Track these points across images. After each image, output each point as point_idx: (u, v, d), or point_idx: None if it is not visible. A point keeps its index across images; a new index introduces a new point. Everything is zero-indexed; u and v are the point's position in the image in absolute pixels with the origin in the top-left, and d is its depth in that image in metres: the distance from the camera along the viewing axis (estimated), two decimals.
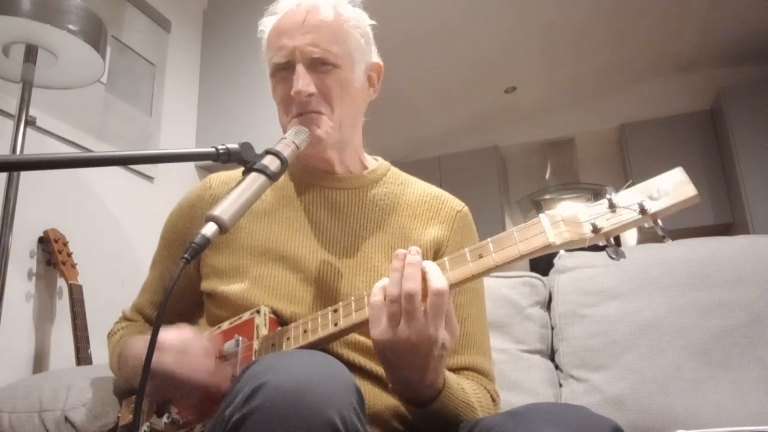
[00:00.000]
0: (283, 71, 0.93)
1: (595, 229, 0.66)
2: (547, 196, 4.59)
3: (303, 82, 0.89)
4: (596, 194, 4.51)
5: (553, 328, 1.46)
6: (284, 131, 0.95)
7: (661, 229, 0.65)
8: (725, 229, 3.94)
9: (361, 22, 0.98)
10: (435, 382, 0.75)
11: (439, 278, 0.70)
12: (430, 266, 0.71)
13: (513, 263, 0.70)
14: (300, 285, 0.90)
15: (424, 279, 0.70)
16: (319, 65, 0.91)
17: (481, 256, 0.71)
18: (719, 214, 3.87)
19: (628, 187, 0.67)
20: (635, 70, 4.19)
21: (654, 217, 0.64)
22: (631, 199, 0.65)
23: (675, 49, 3.94)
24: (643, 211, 0.64)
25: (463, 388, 0.82)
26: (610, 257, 0.67)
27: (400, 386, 0.76)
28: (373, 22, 1.00)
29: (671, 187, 0.64)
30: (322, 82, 0.91)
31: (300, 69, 0.90)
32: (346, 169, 1.00)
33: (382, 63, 1.02)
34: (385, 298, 0.71)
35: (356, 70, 0.96)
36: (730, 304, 1.29)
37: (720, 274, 1.33)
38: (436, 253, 0.97)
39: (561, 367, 1.41)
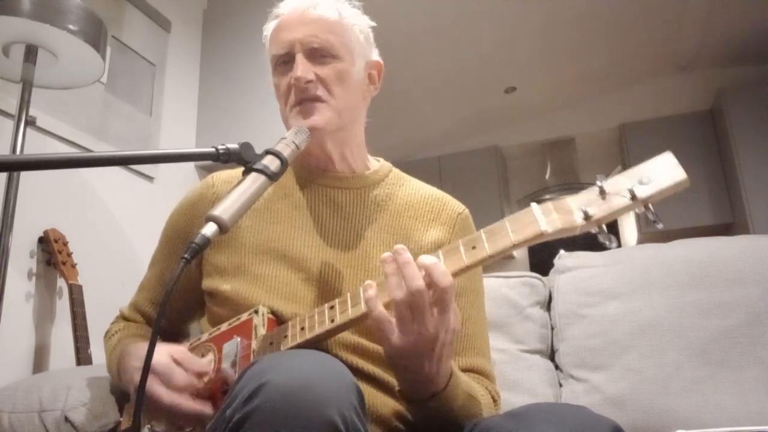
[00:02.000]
0: (284, 65, 0.94)
1: (587, 216, 0.65)
2: (547, 196, 4.58)
3: (302, 68, 0.91)
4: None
5: (553, 328, 1.46)
6: (285, 124, 0.95)
7: (652, 213, 0.64)
8: (725, 229, 3.93)
9: (361, 21, 0.99)
10: (447, 369, 0.75)
11: (445, 272, 0.69)
12: (429, 260, 0.70)
13: (506, 252, 0.69)
14: (301, 284, 0.90)
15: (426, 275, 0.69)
16: (318, 56, 0.92)
17: (474, 248, 0.71)
18: (719, 214, 3.86)
19: (617, 173, 0.66)
20: (635, 70, 4.19)
21: (645, 202, 0.64)
22: (621, 185, 0.65)
23: (675, 49, 3.94)
24: (633, 196, 0.64)
25: (465, 379, 0.83)
26: (602, 243, 0.66)
27: (416, 385, 0.75)
28: (374, 24, 1.01)
29: (661, 172, 0.64)
30: (322, 70, 0.92)
31: (299, 58, 0.91)
32: (348, 168, 1.00)
33: (382, 62, 1.03)
34: (388, 306, 0.70)
35: (356, 64, 0.96)
36: (730, 304, 1.29)
37: (720, 274, 1.32)
38: None
39: (561, 367, 1.41)
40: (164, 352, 0.81)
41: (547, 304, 1.49)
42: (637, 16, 3.48)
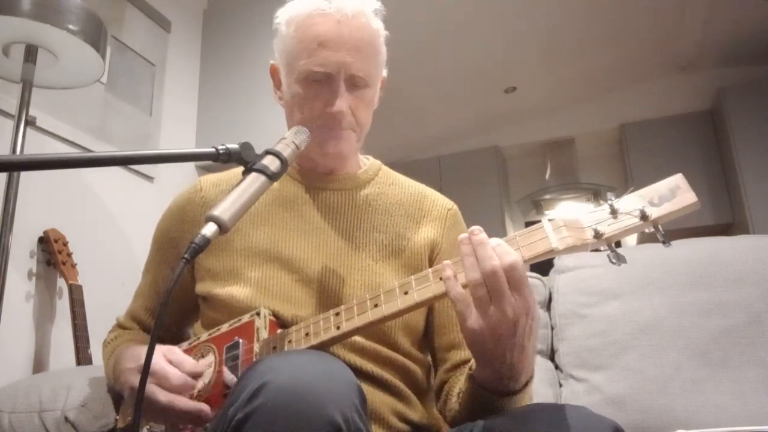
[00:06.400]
0: (318, 82, 0.91)
1: (597, 235, 0.67)
2: (547, 196, 4.59)
3: (345, 104, 0.90)
4: (596, 194, 4.51)
5: (553, 328, 1.46)
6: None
7: (661, 234, 0.66)
8: (725, 229, 3.93)
9: (383, 32, 0.98)
10: (530, 368, 0.74)
11: (508, 251, 0.68)
12: (496, 242, 0.69)
13: None
14: (296, 286, 0.90)
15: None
16: (353, 83, 0.92)
17: None
18: (719, 214, 3.86)
19: (629, 193, 0.68)
20: (635, 70, 4.19)
21: (655, 222, 0.66)
22: (632, 205, 0.66)
23: (675, 49, 3.94)
24: (644, 217, 0.65)
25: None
26: (611, 262, 0.67)
27: (497, 379, 0.74)
28: (386, 33, 0.99)
29: (672, 194, 0.65)
30: (354, 100, 0.93)
31: (343, 90, 0.90)
32: (341, 170, 1.01)
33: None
34: (466, 286, 0.69)
35: (378, 86, 0.98)
36: (730, 304, 1.29)
37: (720, 274, 1.33)
38: (431, 252, 0.98)
39: (561, 367, 1.41)
40: (158, 354, 0.80)
41: (547, 304, 1.49)
42: (637, 16, 3.48)
